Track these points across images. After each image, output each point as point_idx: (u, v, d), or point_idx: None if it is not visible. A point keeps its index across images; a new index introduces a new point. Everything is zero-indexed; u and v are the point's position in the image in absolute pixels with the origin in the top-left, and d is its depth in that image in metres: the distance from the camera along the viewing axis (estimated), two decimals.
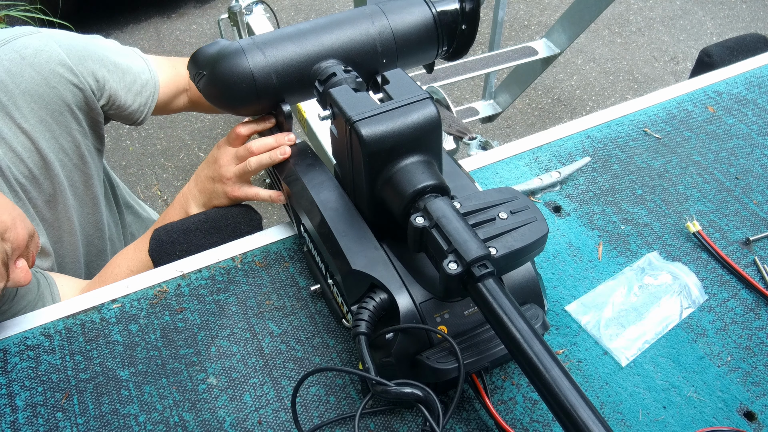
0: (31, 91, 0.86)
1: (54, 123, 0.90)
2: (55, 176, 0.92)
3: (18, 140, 0.86)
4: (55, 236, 0.97)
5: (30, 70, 0.86)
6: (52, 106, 0.88)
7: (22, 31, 0.88)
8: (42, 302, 0.85)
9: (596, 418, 0.49)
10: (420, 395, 0.58)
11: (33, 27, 0.90)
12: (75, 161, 0.95)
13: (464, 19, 0.83)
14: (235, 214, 0.89)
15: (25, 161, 0.87)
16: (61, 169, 0.93)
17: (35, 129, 0.87)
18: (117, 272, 0.91)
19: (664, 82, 2.77)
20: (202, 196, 0.90)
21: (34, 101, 0.86)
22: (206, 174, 0.89)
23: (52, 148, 0.90)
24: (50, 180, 0.92)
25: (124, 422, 0.69)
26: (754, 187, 0.93)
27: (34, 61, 0.86)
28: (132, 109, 0.98)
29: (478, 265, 0.56)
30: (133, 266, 0.90)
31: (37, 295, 0.85)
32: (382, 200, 0.67)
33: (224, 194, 0.88)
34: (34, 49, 0.87)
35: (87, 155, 0.97)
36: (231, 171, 0.86)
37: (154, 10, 3.24)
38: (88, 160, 0.97)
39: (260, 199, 0.86)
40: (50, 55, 0.87)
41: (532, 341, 0.53)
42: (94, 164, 0.99)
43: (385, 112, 0.64)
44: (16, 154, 0.86)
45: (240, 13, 2.02)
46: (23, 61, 0.85)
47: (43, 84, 0.87)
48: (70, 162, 0.95)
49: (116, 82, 0.95)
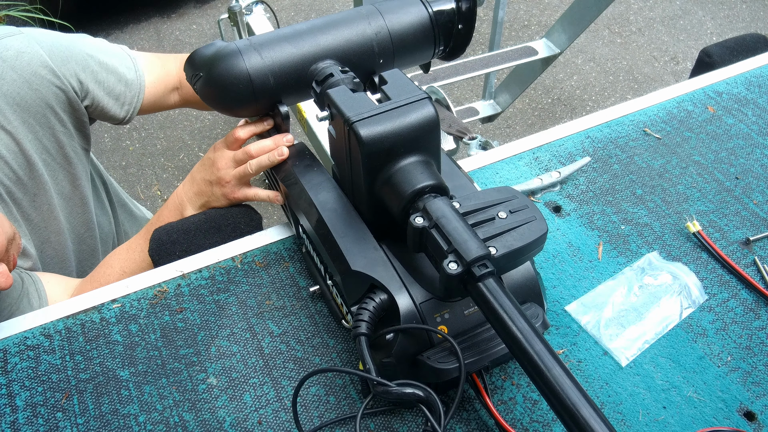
0: (12, 94, 0.86)
1: (37, 125, 0.89)
2: (39, 177, 0.92)
3: (2, 142, 0.86)
4: (41, 237, 0.97)
5: (11, 73, 0.85)
6: (34, 109, 0.88)
7: (4, 31, 0.88)
8: (27, 299, 0.86)
9: (598, 416, 0.49)
10: (421, 395, 0.58)
11: (15, 27, 0.90)
12: (60, 162, 0.95)
13: (460, 18, 0.83)
14: (235, 214, 0.89)
15: (9, 163, 0.87)
16: (46, 170, 0.93)
17: (18, 131, 0.87)
18: (109, 272, 0.91)
19: (664, 82, 2.77)
20: (199, 198, 0.90)
21: (17, 103, 0.86)
22: (203, 177, 0.89)
23: (35, 149, 0.90)
24: (34, 181, 0.92)
25: (124, 422, 0.69)
26: (754, 187, 0.93)
27: (16, 63, 0.86)
28: (115, 109, 0.98)
29: (478, 265, 0.56)
30: (126, 267, 0.90)
31: (21, 292, 0.85)
32: (381, 201, 0.67)
33: (223, 197, 0.88)
34: (16, 50, 0.86)
35: (73, 156, 0.97)
36: (230, 174, 0.86)
37: (154, 10, 3.24)
38: (74, 160, 0.97)
39: (259, 200, 0.86)
40: (32, 56, 0.87)
41: (533, 340, 0.53)
42: (81, 164, 0.99)
43: (384, 113, 0.64)
44: (1, 156, 0.86)
45: (240, 13, 2.02)
46: (4, 64, 0.85)
47: (25, 86, 0.86)
48: (54, 162, 0.94)
49: (100, 83, 0.94)
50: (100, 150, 2.51)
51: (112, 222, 1.16)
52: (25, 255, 0.93)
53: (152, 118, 2.64)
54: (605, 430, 0.48)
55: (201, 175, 0.89)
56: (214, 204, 0.89)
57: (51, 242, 0.98)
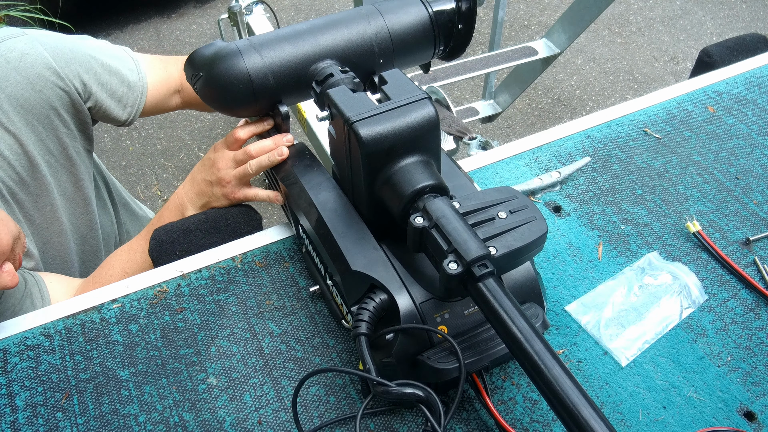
0: (16, 95, 0.86)
1: (40, 126, 0.89)
2: (42, 178, 0.92)
3: (5, 143, 0.86)
4: (43, 237, 0.97)
5: (15, 75, 0.85)
6: (38, 110, 0.88)
7: (8, 33, 0.88)
8: (30, 299, 0.86)
9: (598, 416, 0.49)
10: (421, 395, 0.58)
11: (19, 29, 0.90)
12: (62, 163, 0.95)
13: (460, 18, 0.83)
14: (235, 214, 0.89)
15: (12, 164, 0.87)
16: (49, 171, 0.93)
17: (21, 132, 0.87)
18: (111, 273, 0.91)
19: (664, 82, 2.77)
20: (199, 198, 0.90)
21: (20, 105, 0.86)
22: (203, 177, 0.89)
23: (38, 151, 0.90)
24: (37, 182, 0.92)
25: (124, 422, 0.69)
26: (754, 187, 0.93)
27: (20, 65, 0.86)
28: (118, 111, 0.98)
29: (478, 265, 0.56)
30: (127, 267, 0.90)
31: (24, 293, 0.86)
32: (381, 201, 0.67)
33: (224, 197, 0.88)
34: (20, 52, 0.86)
35: (75, 157, 0.97)
36: (230, 174, 0.86)
37: (154, 10, 3.24)
38: (76, 161, 0.97)
39: (260, 200, 0.87)
40: (36, 58, 0.87)
41: (533, 340, 0.53)
42: (83, 165, 0.99)
43: (384, 113, 0.64)
44: (4, 157, 0.86)
45: (240, 13, 2.02)
46: (8, 65, 0.85)
47: (28, 88, 0.86)
48: (57, 163, 0.95)
49: (103, 85, 0.94)
50: (101, 150, 2.51)
51: (114, 222, 1.16)
52: (28, 255, 0.93)
53: (152, 119, 2.65)
54: (605, 429, 0.48)
55: (201, 175, 0.89)
56: (214, 204, 0.89)
57: (53, 243, 0.98)
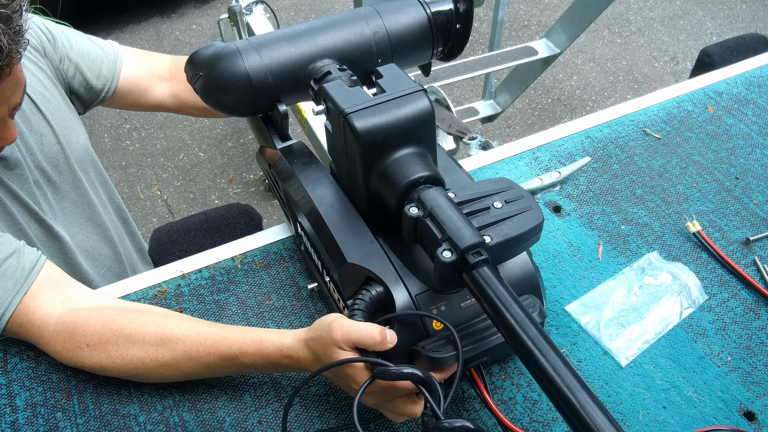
0: None
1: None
2: (74, 173, 0.94)
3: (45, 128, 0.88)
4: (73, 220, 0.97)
5: None
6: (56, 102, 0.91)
7: None
8: (16, 266, 0.72)
9: (593, 401, 0.48)
10: (420, 375, 0.58)
11: None
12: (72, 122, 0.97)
13: (458, 18, 0.83)
14: (235, 214, 0.89)
15: (47, 151, 0.89)
16: (78, 167, 0.94)
17: None
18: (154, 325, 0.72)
19: (664, 82, 2.77)
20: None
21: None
22: (334, 374, 0.65)
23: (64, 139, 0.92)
24: (70, 168, 0.93)
25: (124, 422, 0.69)
26: (754, 187, 0.93)
27: None
28: (90, 76, 0.99)
29: (472, 253, 0.56)
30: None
31: (11, 255, 0.73)
32: (377, 193, 0.67)
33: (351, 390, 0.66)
34: None
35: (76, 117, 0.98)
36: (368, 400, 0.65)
37: (154, 10, 3.24)
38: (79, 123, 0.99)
39: None
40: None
41: (527, 327, 0.52)
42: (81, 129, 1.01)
43: (379, 104, 0.64)
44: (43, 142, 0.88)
45: (240, 13, 2.02)
46: None
47: None
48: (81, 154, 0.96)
49: (70, 40, 0.97)
50: (101, 150, 2.51)
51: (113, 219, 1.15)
52: (55, 237, 0.91)
53: (152, 119, 2.64)
54: (599, 413, 0.48)
55: (331, 373, 0.65)
56: None
57: (83, 231, 0.98)
